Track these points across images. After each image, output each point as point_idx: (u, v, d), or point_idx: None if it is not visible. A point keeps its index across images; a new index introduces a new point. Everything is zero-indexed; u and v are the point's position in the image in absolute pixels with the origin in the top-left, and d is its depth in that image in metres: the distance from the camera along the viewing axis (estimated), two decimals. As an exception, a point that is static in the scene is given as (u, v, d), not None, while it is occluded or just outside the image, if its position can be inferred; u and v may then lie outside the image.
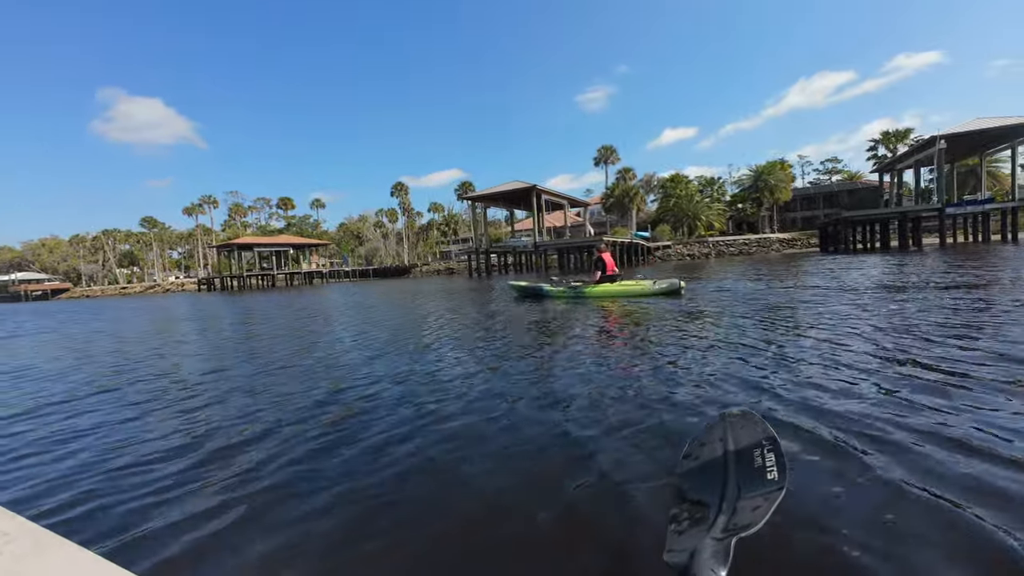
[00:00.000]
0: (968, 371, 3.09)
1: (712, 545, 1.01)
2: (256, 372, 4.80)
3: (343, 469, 2.28)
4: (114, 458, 2.65)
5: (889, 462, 1.92)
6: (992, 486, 1.72)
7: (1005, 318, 4.77)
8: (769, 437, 1.38)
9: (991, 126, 25.39)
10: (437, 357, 4.88)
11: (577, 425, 2.59)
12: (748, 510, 1.14)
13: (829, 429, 2.28)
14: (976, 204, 28.44)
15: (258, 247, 53.25)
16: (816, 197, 55.15)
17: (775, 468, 1.26)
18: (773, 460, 1.28)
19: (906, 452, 2.00)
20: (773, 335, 4.71)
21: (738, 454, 1.37)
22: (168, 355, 6.40)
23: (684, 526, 1.17)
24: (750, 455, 1.34)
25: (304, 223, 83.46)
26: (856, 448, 2.06)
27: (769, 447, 1.34)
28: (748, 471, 1.30)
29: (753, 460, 1.32)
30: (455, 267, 55.41)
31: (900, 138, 48.38)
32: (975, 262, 12.80)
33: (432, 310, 10.31)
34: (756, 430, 1.42)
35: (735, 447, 1.40)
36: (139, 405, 3.78)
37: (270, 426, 3.01)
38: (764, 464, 1.29)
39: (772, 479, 1.23)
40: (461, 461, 2.28)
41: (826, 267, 15.01)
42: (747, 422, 1.48)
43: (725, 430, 1.49)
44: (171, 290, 61.09)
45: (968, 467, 1.85)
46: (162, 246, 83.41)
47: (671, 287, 9.04)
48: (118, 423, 3.31)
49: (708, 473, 1.38)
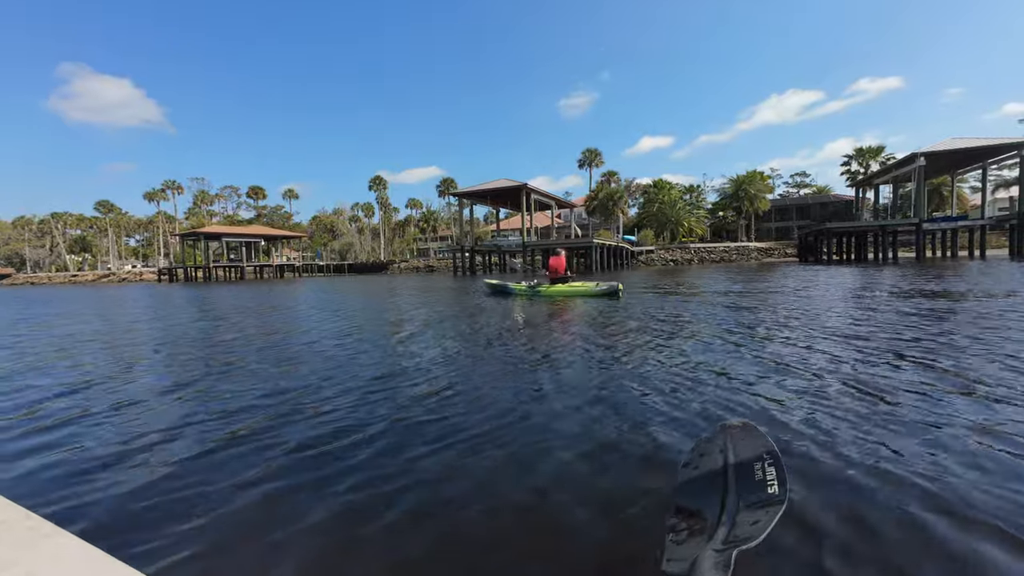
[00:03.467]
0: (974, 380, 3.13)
1: (713, 556, 1.00)
2: (248, 365, 4.26)
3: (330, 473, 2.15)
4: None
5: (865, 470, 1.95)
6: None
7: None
8: (770, 451, 1.36)
9: (969, 146, 26.42)
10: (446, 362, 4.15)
11: (566, 422, 2.64)
12: (748, 523, 1.13)
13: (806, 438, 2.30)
14: (949, 221, 29.61)
15: (227, 237, 50.43)
16: (790, 209, 56.80)
17: (775, 482, 1.24)
18: (774, 474, 1.27)
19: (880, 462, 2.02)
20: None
21: (738, 467, 1.36)
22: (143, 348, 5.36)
23: (683, 536, 1.16)
24: (751, 468, 1.33)
25: (275, 214, 79.98)
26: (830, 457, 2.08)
27: (770, 461, 1.32)
28: (748, 484, 1.28)
29: (754, 473, 1.30)
30: (435, 265, 54.15)
31: (873, 155, 50.33)
32: (974, 276, 12.93)
33: (432, 315, 9.53)
34: (757, 443, 1.41)
35: (735, 459, 1.38)
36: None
37: (262, 411, 3.00)
38: (765, 478, 1.27)
39: (773, 493, 1.22)
40: (445, 468, 2.16)
41: (838, 279, 14.95)
42: (747, 434, 1.46)
43: (725, 441, 1.47)
44: (128, 279, 57.15)
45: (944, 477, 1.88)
46: (118, 232, 78.13)
47: (611, 289, 9.88)
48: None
49: (708, 484, 1.35)
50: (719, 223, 53.80)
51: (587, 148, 60.12)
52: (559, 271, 11.35)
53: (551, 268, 11.44)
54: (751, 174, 48.35)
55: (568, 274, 11.55)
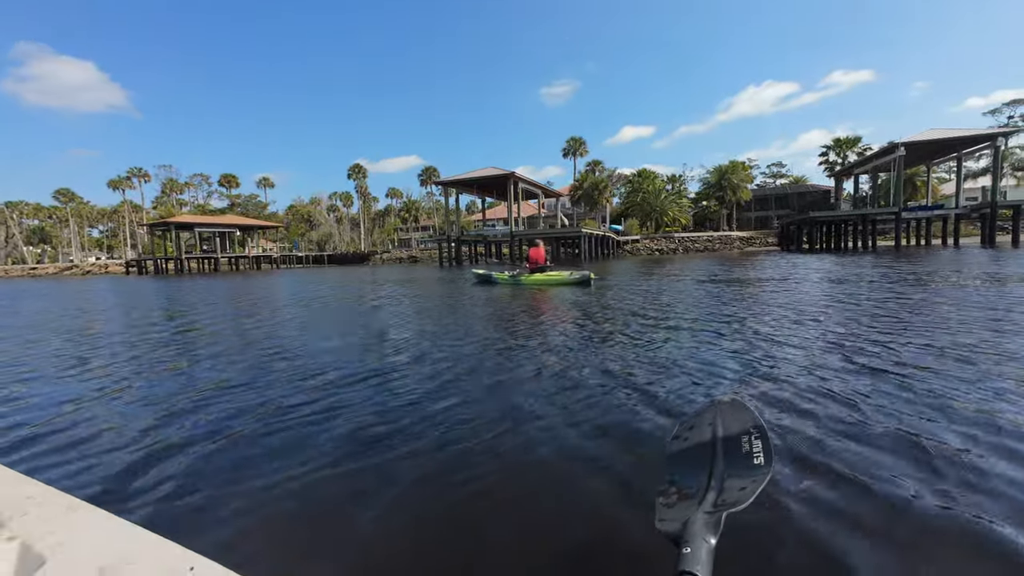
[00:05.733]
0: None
1: (704, 517, 1.09)
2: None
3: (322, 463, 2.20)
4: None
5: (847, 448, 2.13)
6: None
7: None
8: (757, 425, 1.43)
9: (947, 136, 27.05)
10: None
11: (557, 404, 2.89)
12: (736, 489, 1.19)
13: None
14: (926, 209, 30.43)
15: (199, 227, 48.26)
16: (769, 198, 57.70)
17: (762, 454, 1.31)
18: (760, 447, 1.33)
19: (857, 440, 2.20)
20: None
21: (726, 439, 1.43)
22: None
23: (673, 500, 1.25)
24: (738, 441, 1.39)
25: (250, 203, 77.01)
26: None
27: (756, 435, 1.39)
28: (736, 455, 1.35)
29: (741, 445, 1.37)
30: (418, 255, 53.17)
31: (850, 145, 51.36)
32: (980, 262, 13.14)
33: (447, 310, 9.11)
34: (745, 417, 1.48)
35: (724, 433, 1.45)
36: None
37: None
38: (751, 450, 1.34)
39: (759, 464, 1.28)
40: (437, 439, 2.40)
41: (842, 269, 15.02)
42: (736, 409, 1.53)
43: (715, 416, 1.54)
44: (92, 272, 54.31)
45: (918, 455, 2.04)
46: (80, 223, 74.13)
47: (583, 278, 10.50)
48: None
49: (697, 454, 1.43)
50: (702, 212, 54.29)
51: (572, 137, 59.72)
52: (539, 261, 12.32)
53: (531, 259, 12.41)
54: (733, 164, 48.78)
55: (547, 263, 12.56)
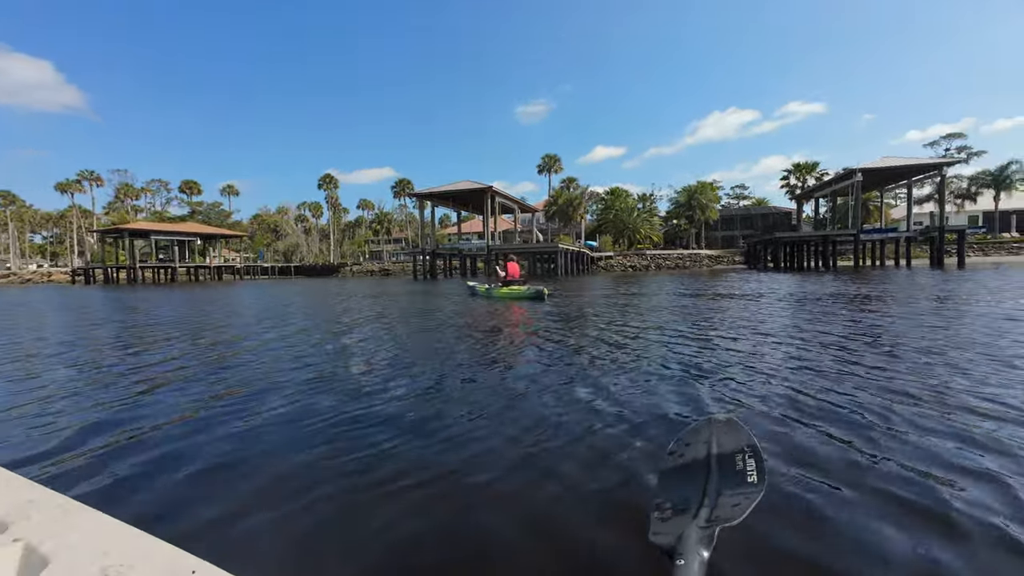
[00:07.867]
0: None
1: (698, 532, 1.09)
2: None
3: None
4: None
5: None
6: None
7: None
8: (751, 445, 1.45)
9: (900, 164, 28.79)
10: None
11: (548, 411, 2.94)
12: (729, 505, 1.21)
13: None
14: (882, 232, 32.16)
15: (156, 234, 45.73)
16: (735, 218, 59.98)
17: (755, 472, 1.32)
18: (754, 466, 1.35)
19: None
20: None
21: (721, 457, 1.44)
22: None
23: (668, 514, 1.24)
24: (732, 459, 1.41)
25: (212, 211, 73.84)
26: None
27: (750, 454, 1.41)
28: (730, 472, 1.36)
29: (735, 463, 1.38)
30: (391, 268, 52.06)
31: (809, 170, 54.13)
32: (936, 283, 13.73)
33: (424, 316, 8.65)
34: (739, 436, 1.50)
35: (719, 450, 1.47)
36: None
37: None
38: (745, 468, 1.35)
39: (752, 482, 1.29)
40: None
41: (808, 287, 15.39)
42: (731, 429, 1.55)
43: (710, 434, 1.55)
44: (33, 280, 50.35)
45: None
46: (21, 227, 68.98)
47: (537, 293, 11.28)
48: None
49: (692, 470, 1.43)
50: (672, 231, 55.74)
51: (547, 154, 60.56)
52: (515, 275, 13.15)
53: (508, 272, 13.16)
54: (702, 184, 50.45)
55: (521, 276, 13.35)
